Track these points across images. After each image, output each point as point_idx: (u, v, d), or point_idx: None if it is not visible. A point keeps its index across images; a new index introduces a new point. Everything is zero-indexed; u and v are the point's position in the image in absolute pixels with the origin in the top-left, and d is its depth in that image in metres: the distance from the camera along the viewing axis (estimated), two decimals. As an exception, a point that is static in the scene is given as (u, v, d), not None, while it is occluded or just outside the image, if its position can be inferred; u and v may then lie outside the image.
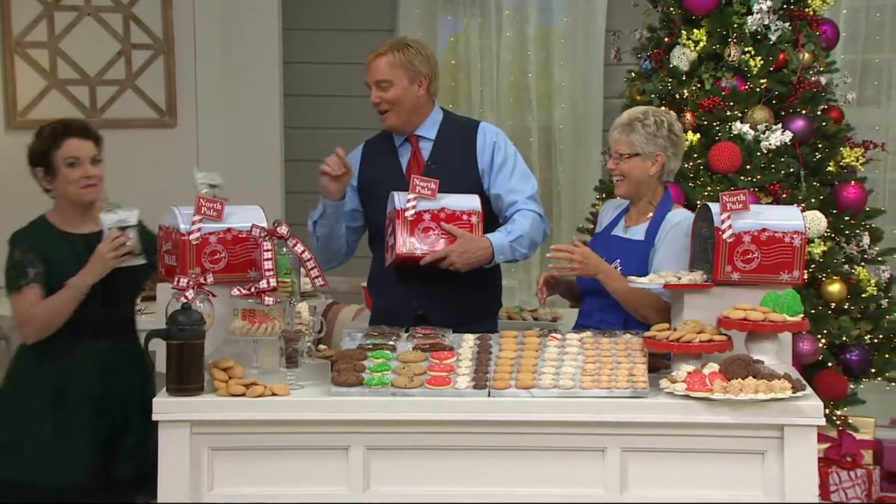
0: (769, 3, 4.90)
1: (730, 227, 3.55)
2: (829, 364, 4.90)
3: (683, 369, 3.35)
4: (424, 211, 3.84)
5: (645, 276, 3.66)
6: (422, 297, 3.97)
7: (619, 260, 3.82)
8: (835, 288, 4.90)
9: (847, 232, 4.99)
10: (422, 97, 4.02)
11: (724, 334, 3.45)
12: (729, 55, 4.93)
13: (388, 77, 3.97)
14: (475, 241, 3.87)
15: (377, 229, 4.03)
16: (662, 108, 4.75)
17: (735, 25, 4.94)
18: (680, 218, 3.83)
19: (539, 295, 3.97)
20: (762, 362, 3.36)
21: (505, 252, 3.93)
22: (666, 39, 5.13)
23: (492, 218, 4.02)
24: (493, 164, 4.03)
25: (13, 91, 5.71)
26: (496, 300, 4.20)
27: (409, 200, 3.83)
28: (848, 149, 5.06)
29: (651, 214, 3.87)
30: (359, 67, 6.23)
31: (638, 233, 3.88)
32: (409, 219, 3.82)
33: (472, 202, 3.90)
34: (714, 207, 3.60)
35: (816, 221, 4.78)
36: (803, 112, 4.98)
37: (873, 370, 5.00)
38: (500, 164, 4.03)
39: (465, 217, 3.87)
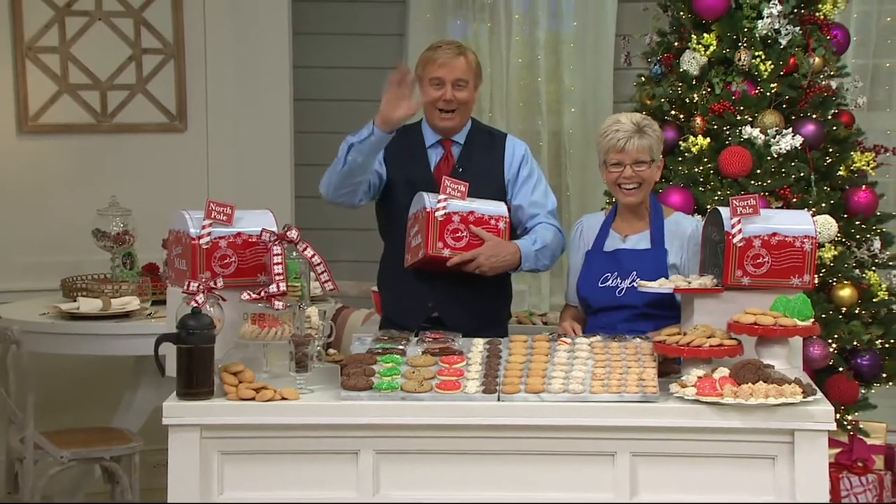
0: (779, 8, 4.89)
1: (740, 231, 3.54)
2: (840, 369, 4.88)
3: (693, 374, 3.34)
4: (454, 213, 3.84)
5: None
6: (438, 298, 3.97)
7: (634, 272, 3.81)
8: (845, 293, 4.89)
9: (858, 236, 4.97)
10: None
11: (735, 339, 3.45)
12: (739, 59, 4.92)
13: (466, 77, 3.99)
14: (504, 245, 3.89)
15: (396, 225, 4.02)
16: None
17: (745, 30, 4.93)
18: (691, 227, 3.85)
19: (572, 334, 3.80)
20: (773, 367, 3.35)
21: (530, 260, 3.94)
22: (676, 44, 5.13)
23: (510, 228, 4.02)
24: (519, 175, 4.07)
25: (25, 96, 5.71)
26: (507, 307, 4.20)
27: (439, 201, 3.83)
28: (858, 153, 5.04)
29: (647, 220, 3.88)
30: (368, 72, 6.32)
31: (641, 242, 3.89)
32: (439, 220, 3.82)
33: (499, 208, 3.92)
34: (724, 212, 3.60)
35: (827, 226, 4.77)
36: (814, 116, 4.97)
37: (884, 375, 4.99)
38: (526, 177, 4.07)
39: (493, 222, 3.88)
